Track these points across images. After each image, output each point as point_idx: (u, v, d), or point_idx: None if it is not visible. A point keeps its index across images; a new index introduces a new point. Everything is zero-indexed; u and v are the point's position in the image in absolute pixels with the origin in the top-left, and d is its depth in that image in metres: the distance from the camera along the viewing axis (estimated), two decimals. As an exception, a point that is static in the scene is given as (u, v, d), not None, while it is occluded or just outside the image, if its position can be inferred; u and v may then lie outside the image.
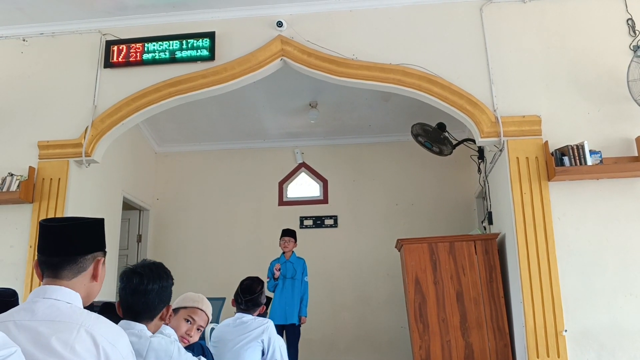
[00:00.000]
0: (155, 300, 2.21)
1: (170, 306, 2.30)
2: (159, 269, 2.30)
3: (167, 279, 2.28)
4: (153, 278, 2.22)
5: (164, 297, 2.25)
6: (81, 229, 1.69)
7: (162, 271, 2.30)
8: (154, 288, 2.20)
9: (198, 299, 2.84)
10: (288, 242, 6.12)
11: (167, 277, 2.29)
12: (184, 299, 2.84)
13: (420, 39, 5.01)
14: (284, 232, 6.20)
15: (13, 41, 5.51)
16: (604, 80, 4.68)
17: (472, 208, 7.26)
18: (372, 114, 7.29)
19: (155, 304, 2.22)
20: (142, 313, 2.20)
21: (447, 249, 4.90)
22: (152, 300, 2.20)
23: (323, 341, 7.24)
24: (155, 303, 2.21)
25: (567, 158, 4.37)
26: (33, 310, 1.51)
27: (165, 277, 2.28)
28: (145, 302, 2.19)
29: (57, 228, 1.65)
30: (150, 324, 2.22)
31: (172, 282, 2.33)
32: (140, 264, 2.29)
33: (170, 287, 2.31)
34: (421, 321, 4.77)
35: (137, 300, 2.19)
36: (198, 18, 5.28)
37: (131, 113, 5.16)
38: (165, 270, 2.32)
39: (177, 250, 7.74)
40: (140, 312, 2.20)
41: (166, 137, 8.06)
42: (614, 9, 4.85)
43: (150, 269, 2.26)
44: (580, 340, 4.19)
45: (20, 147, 5.18)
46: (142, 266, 2.27)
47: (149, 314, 2.21)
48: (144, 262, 2.32)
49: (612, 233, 4.36)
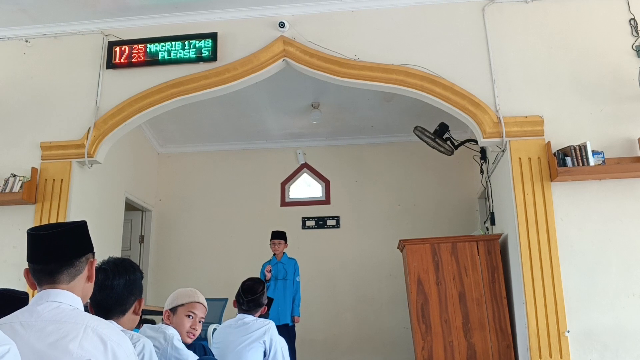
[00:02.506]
0: (124, 294, 2.19)
1: (141, 299, 2.27)
2: (124, 262, 2.28)
3: (133, 272, 2.26)
4: (119, 272, 2.20)
5: (133, 290, 2.23)
6: (71, 233, 1.71)
7: (128, 264, 2.28)
8: (120, 282, 2.18)
9: (192, 293, 2.88)
10: (278, 244, 6.15)
11: (133, 270, 2.27)
12: (179, 297, 2.86)
13: (422, 40, 5.00)
14: (274, 235, 6.23)
15: (16, 42, 5.53)
16: (607, 81, 4.68)
17: (475, 209, 7.25)
18: (374, 114, 7.29)
19: (125, 298, 2.19)
20: (112, 309, 2.17)
21: (450, 249, 4.90)
22: (120, 295, 2.18)
23: (325, 342, 7.24)
24: (124, 297, 2.19)
25: (569, 158, 4.37)
26: (38, 312, 1.54)
27: (132, 270, 2.26)
28: (113, 297, 2.17)
29: (50, 235, 1.67)
30: (122, 319, 2.18)
31: (141, 275, 2.31)
32: (105, 261, 2.27)
33: (139, 280, 2.29)
34: (424, 322, 4.77)
35: (105, 296, 2.16)
36: (200, 19, 5.28)
37: (133, 114, 5.17)
38: (131, 264, 2.30)
39: (179, 251, 7.74)
40: (110, 308, 2.17)
41: (168, 137, 8.07)
42: (617, 9, 4.84)
43: (115, 264, 2.24)
44: (583, 340, 4.18)
45: (22, 148, 5.19)
46: (107, 262, 2.25)
47: (120, 309, 2.18)
48: (109, 258, 2.30)
49: (614, 233, 4.35)
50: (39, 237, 1.66)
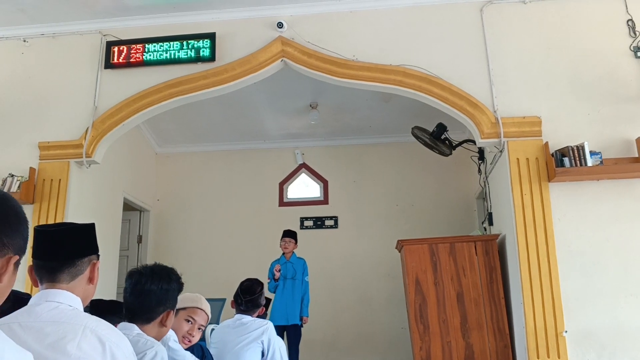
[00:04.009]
0: (153, 302, 2.12)
1: (171, 311, 2.18)
2: (163, 270, 2.21)
3: (169, 282, 2.18)
4: (153, 279, 2.14)
5: (164, 300, 2.15)
6: (76, 233, 1.71)
7: (166, 273, 2.20)
8: (152, 289, 2.12)
9: (196, 299, 2.82)
10: (288, 242, 6.13)
11: (169, 280, 2.19)
12: (182, 300, 2.82)
13: (420, 40, 5.01)
14: (285, 233, 6.22)
15: (14, 42, 5.52)
16: (605, 81, 4.68)
17: (473, 209, 7.26)
18: (372, 114, 7.30)
19: (152, 306, 2.13)
20: (137, 314, 2.12)
21: (448, 249, 4.90)
22: (148, 302, 2.12)
23: (324, 342, 7.25)
24: (152, 305, 2.12)
25: (567, 159, 4.37)
26: (37, 313, 1.53)
27: (167, 280, 2.18)
28: (141, 303, 2.11)
29: (54, 233, 1.68)
30: (146, 327, 2.12)
31: (177, 287, 2.23)
32: (145, 265, 2.22)
33: (174, 291, 2.21)
34: (422, 322, 4.77)
35: (134, 300, 2.12)
36: (199, 19, 5.28)
37: (132, 114, 5.17)
38: (169, 273, 2.22)
39: (177, 251, 7.74)
40: (135, 312, 2.12)
41: (167, 137, 8.06)
42: (615, 10, 4.85)
43: (152, 269, 2.19)
44: (581, 341, 4.18)
45: (20, 148, 5.19)
46: (145, 266, 2.21)
47: (145, 316, 2.12)
48: (153, 264, 2.24)
49: (612, 234, 4.36)
50: (43, 233, 1.67)
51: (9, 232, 1.13)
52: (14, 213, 1.17)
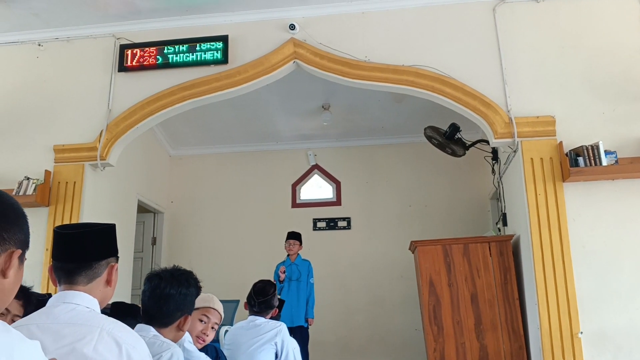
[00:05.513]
0: (171, 307, 2.13)
1: (188, 316, 2.19)
2: (183, 274, 2.21)
3: (187, 286, 2.19)
4: (172, 283, 2.14)
5: (182, 305, 2.16)
6: (95, 235, 1.71)
7: (185, 278, 2.20)
8: (171, 293, 2.12)
9: (209, 299, 2.85)
10: (293, 244, 6.15)
11: (188, 285, 2.19)
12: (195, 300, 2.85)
13: (432, 40, 4.99)
14: (289, 235, 6.24)
15: (29, 46, 5.58)
16: (619, 80, 4.64)
17: (486, 209, 7.22)
18: (384, 115, 7.29)
19: (171, 311, 2.13)
20: (155, 318, 2.13)
21: (462, 250, 4.88)
22: (167, 306, 2.12)
23: (336, 343, 7.24)
24: (170, 309, 2.13)
25: (581, 158, 4.33)
26: (54, 314, 1.54)
27: (186, 285, 2.18)
28: (159, 307, 2.12)
29: (71, 235, 1.68)
30: (163, 330, 2.12)
31: (196, 291, 2.23)
32: (165, 268, 2.22)
33: (192, 295, 2.21)
34: (435, 323, 4.75)
35: (153, 303, 2.13)
36: (211, 22, 5.31)
37: (145, 116, 5.20)
38: (188, 278, 2.22)
39: (191, 253, 7.77)
40: (154, 316, 2.13)
41: (180, 140, 8.11)
42: (628, 7, 4.80)
43: (172, 273, 2.19)
44: (596, 342, 4.15)
45: (36, 151, 5.24)
46: (165, 270, 2.21)
47: (163, 320, 2.13)
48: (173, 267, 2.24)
49: (628, 234, 4.31)
50: (62, 235, 1.68)
51: (8, 227, 1.13)
52: (11, 208, 1.17)
